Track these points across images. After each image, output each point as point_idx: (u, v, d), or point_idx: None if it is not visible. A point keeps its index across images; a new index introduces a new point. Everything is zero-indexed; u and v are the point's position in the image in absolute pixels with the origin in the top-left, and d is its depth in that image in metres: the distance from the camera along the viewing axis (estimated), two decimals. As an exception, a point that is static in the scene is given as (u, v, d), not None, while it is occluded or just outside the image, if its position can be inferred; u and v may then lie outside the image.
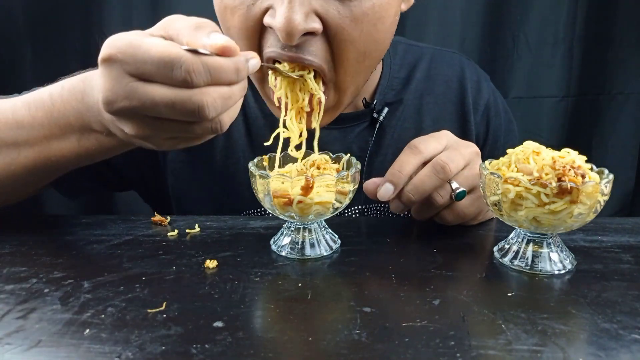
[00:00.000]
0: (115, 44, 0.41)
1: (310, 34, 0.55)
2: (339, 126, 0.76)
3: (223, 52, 0.41)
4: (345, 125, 0.77)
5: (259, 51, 0.59)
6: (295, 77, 0.55)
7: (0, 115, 0.56)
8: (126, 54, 0.40)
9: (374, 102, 0.76)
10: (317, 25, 0.55)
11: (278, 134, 0.58)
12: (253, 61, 0.44)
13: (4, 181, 0.58)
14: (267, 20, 0.55)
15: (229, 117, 0.45)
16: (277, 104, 0.60)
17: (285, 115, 0.59)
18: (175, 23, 0.44)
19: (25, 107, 0.55)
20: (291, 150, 0.58)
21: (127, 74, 0.41)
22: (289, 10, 0.52)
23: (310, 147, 0.59)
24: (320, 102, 0.59)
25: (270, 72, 0.58)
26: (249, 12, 0.56)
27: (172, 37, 0.43)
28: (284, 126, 0.58)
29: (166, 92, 0.40)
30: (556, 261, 0.53)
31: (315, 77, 0.58)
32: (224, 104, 0.42)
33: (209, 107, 0.41)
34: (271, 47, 0.57)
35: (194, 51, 0.40)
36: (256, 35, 0.58)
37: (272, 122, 0.77)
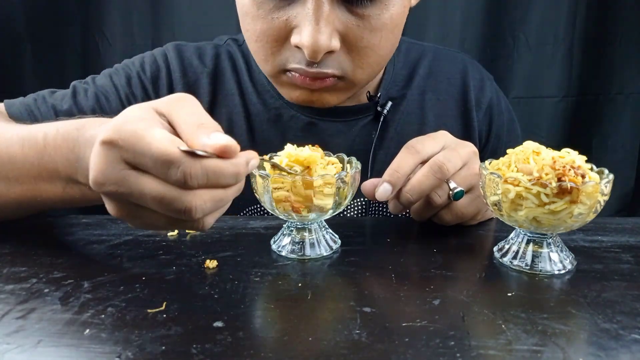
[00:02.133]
0: (120, 129, 0.40)
1: (330, 51, 0.60)
2: (344, 119, 0.77)
3: (223, 154, 0.40)
4: (349, 118, 0.78)
5: (274, 57, 0.63)
6: (290, 174, 0.52)
7: None
8: (127, 142, 0.39)
9: (379, 96, 0.77)
10: (337, 44, 0.60)
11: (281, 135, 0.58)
12: (253, 162, 0.43)
13: None
14: (294, 39, 0.59)
15: (214, 218, 0.43)
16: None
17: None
18: (181, 111, 0.43)
19: (19, 143, 0.55)
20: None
21: (122, 161, 0.40)
22: (315, 31, 0.57)
23: (313, 138, 0.59)
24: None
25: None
26: (271, 23, 0.60)
27: (174, 125, 0.42)
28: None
29: (157, 187, 0.39)
30: (556, 261, 0.53)
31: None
32: (213, 206, 0.41)
33: (196, 209, 0.40)
34: (294, 63, 0.62)
35: (193, 153, 0.39)
36: (276, 45, 0.62)
37: (275, 117, 0.77)
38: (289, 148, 0.54)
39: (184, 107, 0.43)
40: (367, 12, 0.59)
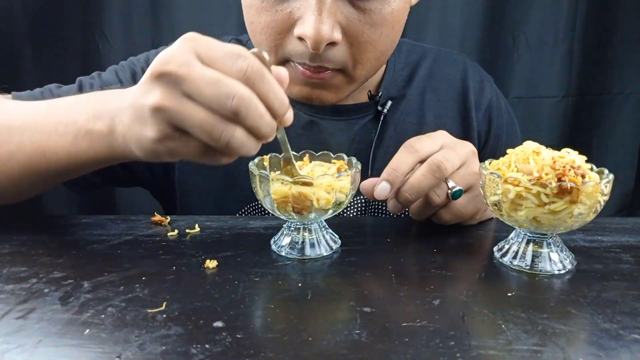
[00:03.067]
0: (196, 34, 0.45)
1: (332, 43, 0.60)
2: (344, 118, 0.78)
3: (279, 77, 0.45)
4: (349, 117, 0.78)
5: (277, 49, 0.65)
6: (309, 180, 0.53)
7: (19, 106, 0.59)
8: (205, 40, 0.44)
9: (379, 95, 0.77)
10: (339, 36, 0.61)
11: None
12: (289, 115, 0.47)
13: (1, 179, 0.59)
14: (297, 30, 0.60)
15: (246, 148, 0.45)
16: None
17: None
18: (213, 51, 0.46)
19: (46, 104, 0.57)
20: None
21: (194, 53, 0.43)
22: (318, 22, 0.58)
23: (313, 136, 0.59)
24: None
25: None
26: (275, 15, 0.61)
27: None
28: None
29: (205, 116, 0.42)
30: (556, 261, 0.53)
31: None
32: (246, 150, 0.44)
33: (236, 142, 0.43)
34: (298, 57, 0.63)
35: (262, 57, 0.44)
36: (279, 37, 0.63)
37: None
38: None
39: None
40: (368, 6, 0.60)
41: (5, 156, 0.57)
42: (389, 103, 0.78)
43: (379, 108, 0.78)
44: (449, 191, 0.58)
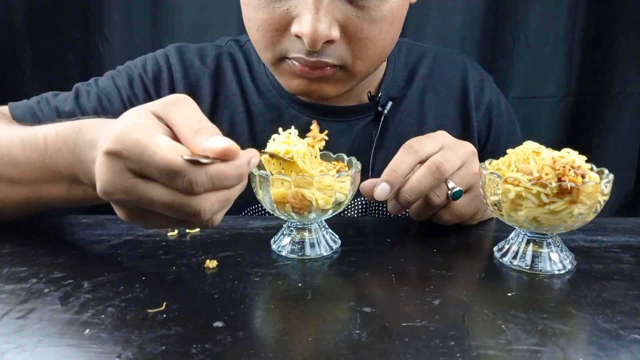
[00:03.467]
0: (123, 139, 0.40)
1: (330, 41, 0.60)
2: (344, 119, 0.78)
3: (225, 157, 0.41)
4: (350, 118, 0.78)
5: (274, 46, 0.64)
6: (288, 159, 0.53)
7: None
8: (132, 152, 0.40)
9: (379, 96, 0.77)
10: (337, 34, 0.60)
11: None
12: (254, 160, 0.44)
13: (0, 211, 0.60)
14: (294, 28, 0.60)
15: (221, 215, 0.45)
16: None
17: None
18: (179, 114, 0.43)
19: (20, 145, 0.55)
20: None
21: (129, 170, 0.41)
22: (315, 20, 0.57)
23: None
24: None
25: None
26: (272, 12, 0.61)
27: (173, 128, 0.43)
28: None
29: (165, 194, 0.40)
30: (556, 261, 0.53)
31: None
32: (220, 206, 0.43)
33: (205, 211, 0.41)
34: (294, 52, 0.62)
35: (197, 162, 0.40)
36: (276, 34, 0.62)
37: (277, 116, 0.77)
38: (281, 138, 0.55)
39: (181, 110, 0.44)
40: (367, 3, 0.60)
41: (0, 196, 0.58)
42: (390, 104, 0.78)
43: (379, 109, 0.78)
44: (449, 192, 0.58)
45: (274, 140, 0.55)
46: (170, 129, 0.43)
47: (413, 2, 0.69)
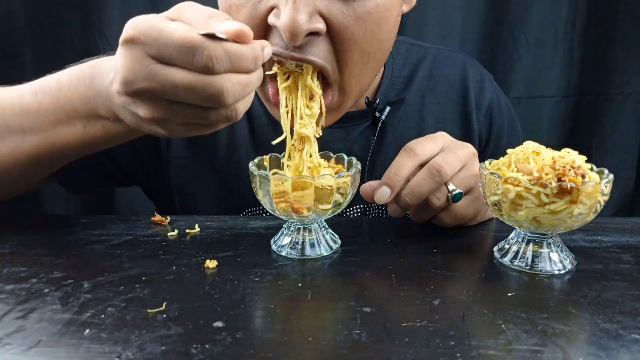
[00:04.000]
0: (138, 25, 0.41)
1: (314, 34, 0.55)
2: (341, 125, 0.77)
3: (238, 38, 0.41)
4: (347, 124, 0.77)
5: None
6: (297, 69, 0.55)
7: (6, 101, 0.57)
8: (149, 36, 0.41)
9: (377, 101, 0.77)
10: (320, 25, 0.55)
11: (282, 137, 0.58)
12: (267, 49, 0.45)
13: (7, 168, 0.59)
14: (271, 20, 0.55)
15: (244, 105, 0.45)
16: (272, 100, 0.61)
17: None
18: (188, 12, 0.44)
19: (31, 93, 0.55)
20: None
21: (148, 56, 0.41)
22: (293, 11, 0.52)
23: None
24: (322, 102, 0.59)
25: (275, 66, 0.58)
26: (254, 10, 0.56)
27: (188, 21, 0.44)
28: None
29: (187, 76, 0.41)
30: (556, 261, 0.53)
31: (319, 77, 0.59)
32: (242, 91, 0.43)
33: (228, 93, 0.41)
34: (275, 45, 0.56)
35: (213, 36, 0.41)
36: (261, 33, 0.58)
37: (275, 122, 0.77)
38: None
39: (191, 7, 0.45)
40: None
41: (9, 149, 0.57)
42: (387, 109, 0.77)
43: (377, 114, 0.77)
44: (449, 194, 0.58)
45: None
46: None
47: (405, 11, 0.66)
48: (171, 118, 0.44)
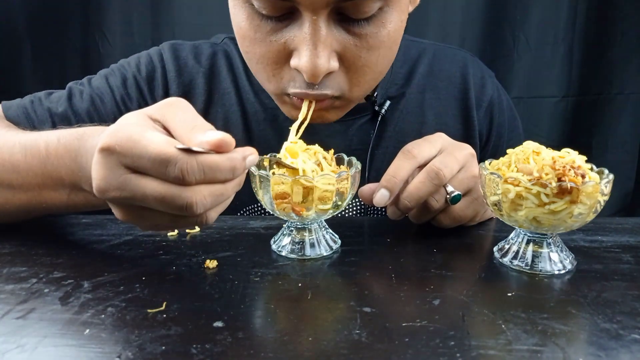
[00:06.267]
0: (116, 134, 0.41)
1: (329, 72, 0.58)
2: (341, 119, 0.76)
3: (219, 148, 0.41)
4: (346, 118, 0.77)
5: (276, 79, 0.62)
6: (294, 167, 0.54)
7: None
8: (124, 147, 0.41)
9: (375, 95, 0.77)
10: (336, 64, 0.58)
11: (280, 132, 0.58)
12: (251, 157, 0.44)
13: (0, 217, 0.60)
14: (293, 62, 0.58)
15: (216, 212, 0.45)
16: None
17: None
18: (175, 117, 0.44)
19: (22, 151, 0.56)
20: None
21: (122, 166, 0.41)
22: (314, 55, 0.55)
23: (310, 137, 0.59)
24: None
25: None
26: (270, 46, 0.59)
27: (170, 129, 0.44)
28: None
29: (157, 187, 0.41)
30: (556, 261, 0.53)
31: None
32: (214, 201, 0.42)
33: (197, 204, 0.41)
34: (295, 88, 0.60)
35: (189, 150, 0.40)
36: (274, 66, 0.60)
37: (272, 117, 0.77)
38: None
39: (177, 111, 0.45)
40: (364, 31, 0.57)
41: (1, 201, 0.58)
42: (387, 103, 0.78)
43: (377, 108, 0.78)
44: (448, 196, 0.58)
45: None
46: (167, 131, 0.44)
47: (410, 11, 0.66)
48: (142, 221, 0.45)
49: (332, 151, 0.58)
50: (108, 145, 0.41)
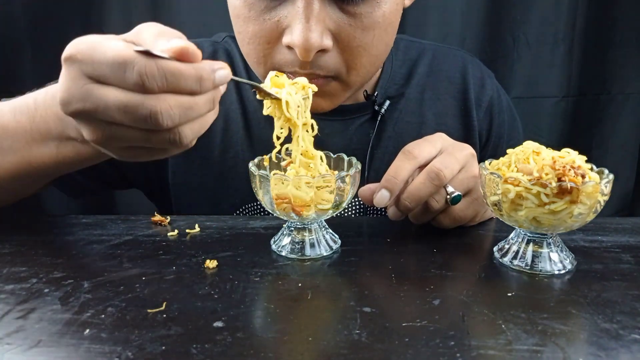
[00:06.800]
0: (77, 44, 0.40)
1: (322, 50, 0.59)
2: (340, 118, 0.77)
3: (181, 56, 0.39)
4: (346, 117, 0.77)
5: (266, 59, 0.62)
6: (277, 97, 0.53)
7: None
8: (84, 54, 0.39)
9: (375, 94, 0.77)
10: (330, 42, 0.59)
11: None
12: (222, 72, 0.42)
13: None
14: (286, 39, 0.58)
15: (191, 130, 0.42)
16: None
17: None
18: (144, 32, 0.43)
19: (11, 112, 0.56)
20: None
21: (84, 76, 0.40)
22: (306, 29, 0.56)
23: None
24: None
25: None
26: (263, 25, 0.59)
27: (138, 43, 0.42)
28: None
29: (119, 95, 0.39)
30: (556, 261, 0.53)
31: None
32: (182, 114, 0.40)
33: (162, 114, 0.39)
34: (287, 67, 0.60)
35: (150, 53, 0.38)
36: (266, 45, 0.61)
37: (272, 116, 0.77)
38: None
39: (150, 26, 0.43)
40: (358, 10, 0.58)
41: None
42: (387, 102, 0.78)
43: (376, 108, 0.78)
44: (448, 197, 0.58)
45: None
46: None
47: (407, 5, 0.68)
48: (112, 141, 0.42)
49: (323, 153, 0.59)
50: (70, 54, 0.40)
